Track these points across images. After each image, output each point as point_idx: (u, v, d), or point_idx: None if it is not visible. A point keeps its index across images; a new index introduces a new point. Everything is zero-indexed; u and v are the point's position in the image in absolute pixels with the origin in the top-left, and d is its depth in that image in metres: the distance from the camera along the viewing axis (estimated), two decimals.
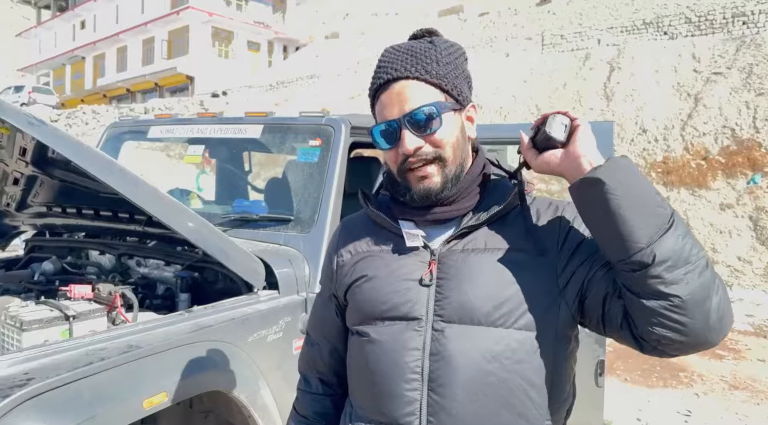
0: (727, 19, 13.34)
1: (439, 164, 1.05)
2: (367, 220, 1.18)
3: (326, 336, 1.24)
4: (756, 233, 8.86)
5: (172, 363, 1.70)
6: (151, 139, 3.04)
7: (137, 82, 33.73)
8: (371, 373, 1.06)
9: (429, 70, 1.04)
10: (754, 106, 10.53)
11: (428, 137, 1.03)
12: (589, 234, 1.02)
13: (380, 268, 1.09)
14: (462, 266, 1.03)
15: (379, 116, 1.08)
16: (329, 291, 1.22)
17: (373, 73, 1.10)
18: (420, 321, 1.02)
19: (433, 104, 1.03)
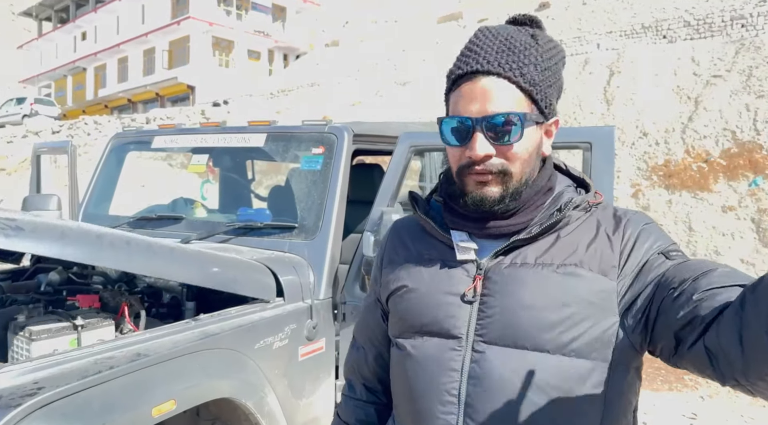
0: (726, 22, 13.37)
1: (502, 177, 0.95)
2: (417, 225, 1.10)
3: (372, 340, 1.18)
4: (758, 235, 8.84)
5: (179, 370, 1.72)
6: (156, 149, 3.07)
7: (138, 93, 33.87)
8: (409, 390, 1.00)
9: (524, 73, 0.93)
10: (754, 108, 10.54)
11: (501, 148, 0.93)
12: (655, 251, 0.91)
13: (423, 278, 1.02)
14: (508, 282, 0.95)
15: (453, 106, 0.97)
16: (375, 295, 1.16)
17: (459, 55, 0.98)
18: (460, 339, 0.95)
19: (518, 114, 0.92)
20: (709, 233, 9.17)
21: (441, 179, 1.09)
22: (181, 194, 3.43)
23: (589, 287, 0.91)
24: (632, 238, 0.94)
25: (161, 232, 2.75)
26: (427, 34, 24.32)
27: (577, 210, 0.98)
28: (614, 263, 0.92)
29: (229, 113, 20.97)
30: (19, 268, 3.02)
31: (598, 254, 0.93)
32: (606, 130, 2.17)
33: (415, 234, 1.10)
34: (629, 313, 0.90)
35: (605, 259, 0.92)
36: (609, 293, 0.90)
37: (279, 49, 34.45)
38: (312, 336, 2.27)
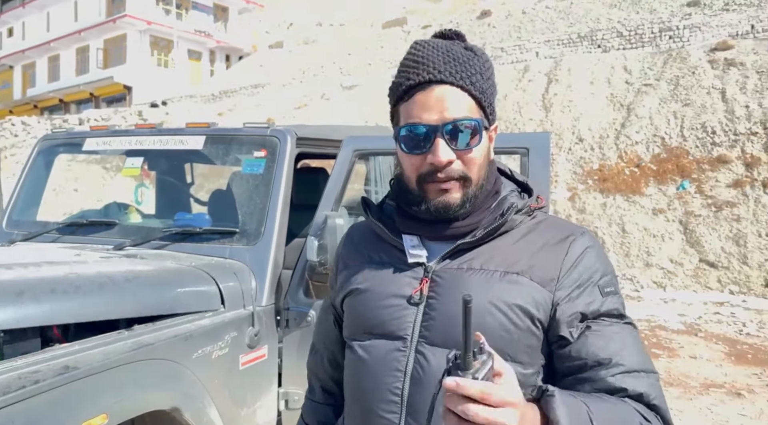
0: (655, 33, 14.07)
1: (462, 182, 0.98)
2: (369, 229, 1.13)
3: (326, 344, 1.23)
4: (686, 237, 9.33)
5: (111, 383, 1.64)
6: (87, 151, 2.92)
7: (71, 93, 32.42)
8: (356, 390, 1.04)
9: (474, 82, 0.98)
10: (681, 115, 11.13)
11: (462, 153, 0.97)
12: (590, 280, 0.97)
13: (373, 281, 1.05)
14: (453, 285, 0.98)
15: (407, 115, 0.99)
16: (331, 299, 1.19)
17: (405, 66, 1.00)
18: (405, 340, 0.98)
19: (477, 120, 0.97)
20: (641, 235, 9.61)
21: (393, 184, 1.11)
22: (116, 198, 3.29)
23: (528, 295, 0.95)
24: (575, 253, 0.99)
25: (93, 238, 2.63)
26: (372, 38, 24.41)
27: (520, 214, 1.02)
28: (554, 276, 0.97)
29: (168, 114, 20.36)
30: None
31: (540, 265, 0.98)
32: (542, 136, 2.23)
33: (368, 239, 1.12)
34: (552, 326, 0.96)
35: (546, 271, 0.97)
36: (544, 304, 0.95)
37: (221, 50, 33.76)
38: (254, 344, 2.22)
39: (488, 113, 1.01)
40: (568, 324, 0.95)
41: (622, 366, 0.93)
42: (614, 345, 0.95)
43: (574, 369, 0.96)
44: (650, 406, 0.93)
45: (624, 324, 0.98)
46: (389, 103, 1.06)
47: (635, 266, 9.17)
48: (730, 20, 13.10)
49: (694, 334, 6.49)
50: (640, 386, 0.92)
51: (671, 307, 7.76)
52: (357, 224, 1.21)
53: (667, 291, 8.55)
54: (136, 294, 1.91)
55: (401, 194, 1.06)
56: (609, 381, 0.92)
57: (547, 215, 1.09)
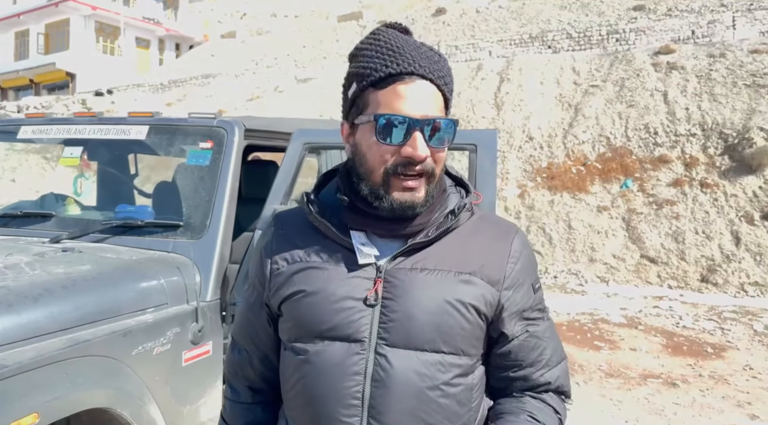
0: (603, 35, 14.51)
1: (428, 179, 0.99)
2: (305, 222, 1.07)
3: (256, 343, 1.14)
4: (628, 233, 9.68)
5: (43, 381, 1.57)
6: (21, 140, 2.79)
7: (9, 79, 30.87)
8: (309, 395, 0.99)
9: (447, 82, 1.00)
10: (625, 116, 11.53)
11: (435, 151, 0.98)
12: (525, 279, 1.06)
13: (322, 282, 1.00)
14: (409, 286, 0.98)
15: (384, 104, 0.96)
16: (260, 298, 1.11)
17: (379, 53, 0.97)
18: (363, 343, 0.97)
19: (454, 121, 0.99)
20: (586, 231, 9.91)
21: (341, 175, 1.07)
22: (56, 190, 3.16)
23: (479, 294, 1.00)
24: (515, 254, 1.06)
25: (28, 230, 2.51)
26: (327, 31, 24.22)
27: (465, 212, 1.05)
28: (500, 277, 1.03)
29: (114, 103, 19.66)
30: None
31: (488, 265, 1.03)
32: (489, 133, 2.26)
33: (305, 233, 1.06)
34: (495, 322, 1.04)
35: (494, 271, 1.03)
36: (492, 302, 1.02)
37: (171, 39, 32.81)
38: (197, 340, 2.17)
39: (448, 114, 1.03)
40: (509, 321, 1.04)
41: (549, 364, 1.08)
42: (544, 345, 1.08)
43: (509, 366, 1.07)
44: (562, 392, 1.10)
45: (547, 319, 1.11)
46: (350, 87, 1.01)
47: (580, 262, 9.46)
48: (673, 25, 13.64)
49: (635, 327, 6.75)
50: (559, 378, 1.09)
51: (613, 301, 8.04)
52: (286, 214, 1.13)
53: (609, 286, 8.86)
54: (76, 303, 1.82)
55: (356, 185, 1.02)
56: (539, 379, 1.07)
57: (481, 210, 1.12)
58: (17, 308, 1.67)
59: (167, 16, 33.28)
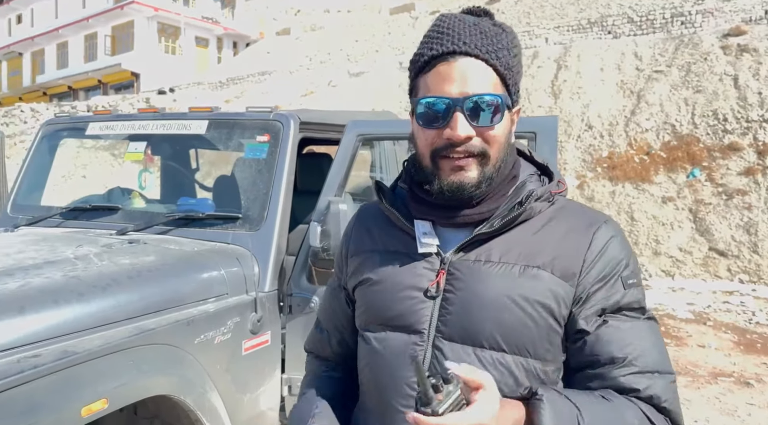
0: (667, 19, 13.86)
1: (480, 160, 0.93)
2: (382, 212, 1.08)
3: (336, 326, 1.16)
4: (695, 225, 9.25)
5: (112, 368, 1.63)
6: (90, 136, 2.91)
7: (80, 80, 32.50)
8: (374, 382, 1.01)
9: (500, 57, 0.93)
10: (692, 102, 10.98)
11: (482, 130, 0.92)
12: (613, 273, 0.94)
13: (387, 272, 1.01)
14: (471, 279, 0.94)
15: (428, 87, 0.94)
16: (339, 281, 1.14)
17: (428, 38, 0.96)
18: (422, 335, 0.95)
19: (500, 96, 0.92)
20: (650, 223, 9.53)
21: (406, 165, 1.06)
22: (119, 183, 3.29)
23: (548, 290, 0.92)
24: (598, 245, 0.95)
25: (96, 223, 2.62)
26: (379, 24, 24.23)
27: (539, 202, 0.97)
28: (576, 270, 0.93)
29: (176, 101, 20.35)
30: None
31: (562, 257, 0.94)
32: (549, 120, 2.19)
33: (380, 223, 1.07)
34: (571, 320, 0.94)
35: (568, 264, 0.93)
36: (566, 298, 0.93)
37: (228, 37, 33.66)
38: (256, 330, 2.21)
39: (512, 92, 0.96)
40: (585, 318, 0.93)
41: (634, 365, 0.91)
42: (630, 342, 0.92)
43: (586, 364, 0.94)
44: (660, 409, 0.91)
45: (644, 320, 0.96)
46: (409, 77, 1.01)
47: (643, 255, 9.11)
48: (744, 5, 12.87)
49: (703, 323, 6.45)
50: (652, 388, 0.91)
51: (679, 296, 7.71)
52: (368, 206, 1.15)
53: (675, 280, 8.49)
54: (142, 292, 1.88)
55: (415, 174, 1.01)
56: (620, 380, 0.91)
57: (568, 200, 1.03)
58: (87, 298, 1.74)
59: (225, 15, 34.14)
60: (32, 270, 1.82)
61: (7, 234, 2.56)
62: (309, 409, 1.07)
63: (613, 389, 0.91)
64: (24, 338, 1.55)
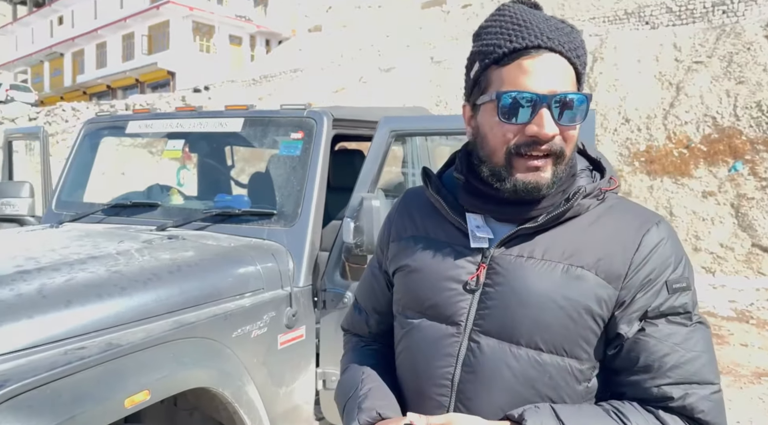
0: (707, 8, 13.45)
1: (555, 160, 0.91)
2: (427, 199, 1.07)
3: (374, 307, 1.17)
4: (737, 220, 8.97)
5: (153, 360, 1.68)
6: (130, 134, 2.99)
7: (117, 79, 33.32)
8: (409, 366, 1.03)
9: (579, 55, 0.92)
10: (734, 94, 10.64)
11: (565, 129, 0.90)
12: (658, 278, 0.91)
13: (427, 260, 1.01)
14: (512, 275, 0.93)
15: (508, 81, 0.90)
16: (380, 264, 1.15)
17: (501, 29, 0.92)
18: (459, 327, 0.96)
19: (586, 97, 0.90)
20: (690, 219, 9.28)
21: (461, 155, 1.04)
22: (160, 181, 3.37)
23: (591, 292, 0.90)
24: (647, 248, 0.92)
25: (136, 219, 2.69)
26: (410, 20, 24.15)
27: (588, 198, 0.95)
28: (622, 272, 0.91)
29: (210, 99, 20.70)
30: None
31: (608, 258, 0.91)
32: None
33: (424, 209, 1.07)
34: (611, 323, 0.92)
35: (614, 266, 0.91)
36: (608, 301, 0.91)
37: (261, 35, 34.02)
38: (292, 324, 2.24)
39: (581, 90, 0.94)
40: (626, 321, 0.91)
41: (669, 375, 0.89)
42: (670, 351, 0.90)
43: (621, 370, 0.93)
44: (695, 421, 0.88)
45: (692, 326, 0.92)
46: (473, 67, 0.96)
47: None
48: None
49: (746, 321, 6.26)
50: (687, 398, 0.88)
51: (721, 293, 7.50)
52: (413, 190, 1.14)
53: (716, 277, 8.26)
54: (181, 286, 1.93)
55: (479, 167, 0.97)
56: (652, 390, 0.89)
57: (620, 198, 1.01)
58: (129, 292, 1.79)
59: (257, 13, 34.51)
60: (77, 265, 1.88)
61: (52, 230, 2.65)
62: (356, 376, 1.09)
63: (645, 399, 0.90)
64: (70, 331, 1.60)
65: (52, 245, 2.21)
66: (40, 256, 1.98)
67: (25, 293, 1.64)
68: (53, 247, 2.16)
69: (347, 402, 1.06)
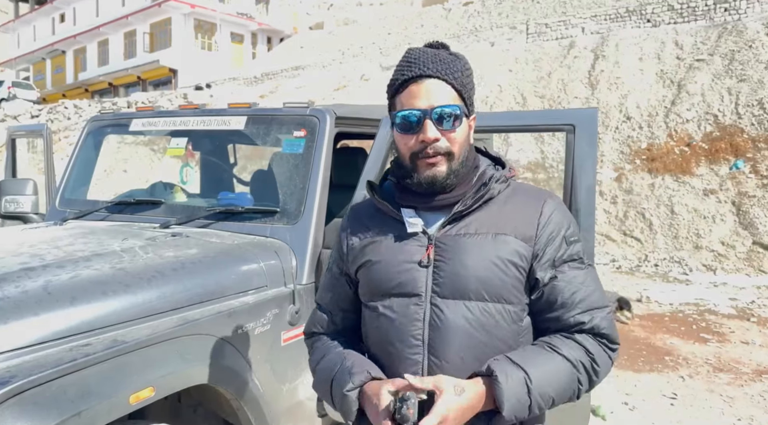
0: (709, 6, 13.42)
1: (447, 157, 1.20)
2: (372, 207, 1.32)
3: (339, 305, 1.38)
4: (738, 218, 8.97)
5: (158, 357, 1.69)
6: (133, 132, 2.99)
7: (120, 76, 33.32)
8: (383, 340, 1.24)
9: (456, 77, 1.20)
10: (736, 92, 10.63)
11: (446, 133, 1.19)
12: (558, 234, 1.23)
13: (385, 252, 1.25)
14: (455, 249, 1.20)
15: (403, 103, 1.21)
16: (340, 269, 1.37)
17: (400, 66, 1.23)
18: (420, 296, 1.20)
19: (457, 106, 1.19)
20: (691, 217, 9.29)
21: (393, 163, 1.30)
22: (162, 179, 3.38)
23: (513, 250, 1.20)
24: (546, 214, 1.23)
25: (140, 217, 2.70)
26: (411, 17, 24.12)
27: (498, 183, 1.25)
28: (532, 233, 1.22)
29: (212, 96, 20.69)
30: None
31: (521, 225, 1.22)
32: (589, 112, 2.15)
33: (371, 215, 1.32)
34: (531, 272, 1.22)
35: (527, 229, 1.22)
36: (526, 255, 1.21)
37: (262, 32, 34.00)
38: (295, 321, 2.25)
39: (468, 104, 1.23)
40: (541, 269, 1.21)
41: (579, 306, 1.21)
42: (576, 289, 1.22)
43: (544, 308, 1.24)
44: (601, 336, 1.22)
45: (586, 268, 1.26)
46: (387, 98, 1.28)
47: (684, 249, 8.89)
48: None
49: (746, 319, 6.27)
50: (593, 320, 1.21)
51: (721, 291, 7.50)
52: (357, 205, 1.40)
53: (717, 274, 8.26)
54: (185, 284, 1.94)
55: (397, 170, 1.27)
56: (570, 320, 1.22)
57: (519, 183, 1.31)
58: (133, 289, 1.80)
59: (259, 11, 34.48)
60: (81, 262, 1.89)
61: (56, 228, 2.66)
62: (335, 358, 1.29)
63: (564, 327, 1.22)
64: (76, 327, 1.62)
65: (57, 242, 2.22)
66: (44, 253, 2.00)
67: (30, 291, 1.65)
68: (58, 244, 2.17)
69: (334, 377, 1.24)
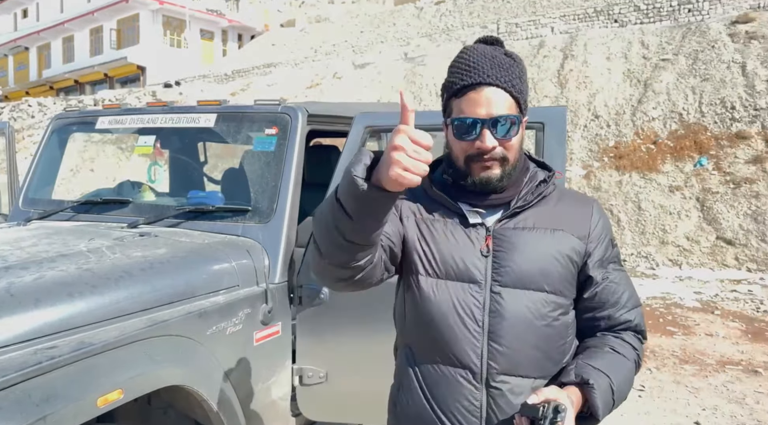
0: (674, 6, 13.73)
1: (501, 162, 1.26)
2: (426, 194, 1.34)
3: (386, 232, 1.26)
4: (703, 214, 9.21)
5: (126, 359, 1.66)
6: (100, 130, 2.93)
7: (86, 74, 32.52)
8: (439, 324, 1.26)
9: (514, 85, 1.25)
10: (699, 91, 10.91)
11: (503, 141, 1.24)
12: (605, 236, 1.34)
13: (444, 235, 1.29)
14: (515, 240, 1.27)
15: (459, 109, 1.25)
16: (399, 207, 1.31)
17: (458, 69, 1.25)
18: (480, 284, 1.25)
19: (516, 116, 1.24)
20: (657, 213, 9.50)
21: (444, 163, 1.35)
22: (129, 177, 3.31)
23: (570, 246, 1.29)
24: (596, 217, 1.35)
25: (107, 216, 2.65)
26: (384, 15, 24.12)
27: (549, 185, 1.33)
28: (586, 232, 1.32)
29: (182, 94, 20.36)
30: None
31: (576, 223, 1.32)
32: (558, 110, 2.18)
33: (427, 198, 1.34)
34: (583, 268, 1.31)
35: (581, 228, 1.32)
36: (581, 251, 1.30)
37: (233, 30, 33.58)
38: (267, 321, 2.23)
39: (523, 108, 1.28)
40: (594, 268, 1.31)
41: (625, 305, 1.33)
42: (623, 290, 1.33)
43: (595, 307, 1.32)
44: (640, 332, 1.35)
45: (623, 270, 1.37)
46: (442, 98, 1.32)
47: (651, 244, 9.09)
48: None
49: (711, 312, 6.44)
50: (636, 318, 1.34)
51: (687, 285, 7.70)
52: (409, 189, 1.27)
53: (683, 269, 8.47)
54: (154, 284, 1.91)
55: (449, 170, 1.32)
56: (621, 318, 1.32)
57: (563, 187, 1.38)
58: (100, 290, 1.77)
59: (229, 8, 34.03)
60: (46, 263, 1.85)
61: (19, 228, 2.58)
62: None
63: (616, 324, 1.32)
64: (40, 330, 1.58)
65: (20, 243, 2.16)
66: (7, 254, 1.94)
67: None
68: (21, 245, 2.12)
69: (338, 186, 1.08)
